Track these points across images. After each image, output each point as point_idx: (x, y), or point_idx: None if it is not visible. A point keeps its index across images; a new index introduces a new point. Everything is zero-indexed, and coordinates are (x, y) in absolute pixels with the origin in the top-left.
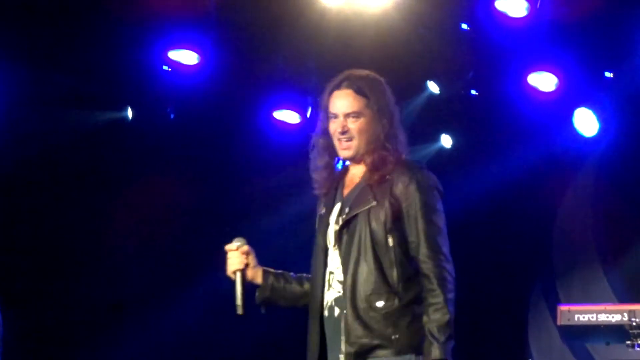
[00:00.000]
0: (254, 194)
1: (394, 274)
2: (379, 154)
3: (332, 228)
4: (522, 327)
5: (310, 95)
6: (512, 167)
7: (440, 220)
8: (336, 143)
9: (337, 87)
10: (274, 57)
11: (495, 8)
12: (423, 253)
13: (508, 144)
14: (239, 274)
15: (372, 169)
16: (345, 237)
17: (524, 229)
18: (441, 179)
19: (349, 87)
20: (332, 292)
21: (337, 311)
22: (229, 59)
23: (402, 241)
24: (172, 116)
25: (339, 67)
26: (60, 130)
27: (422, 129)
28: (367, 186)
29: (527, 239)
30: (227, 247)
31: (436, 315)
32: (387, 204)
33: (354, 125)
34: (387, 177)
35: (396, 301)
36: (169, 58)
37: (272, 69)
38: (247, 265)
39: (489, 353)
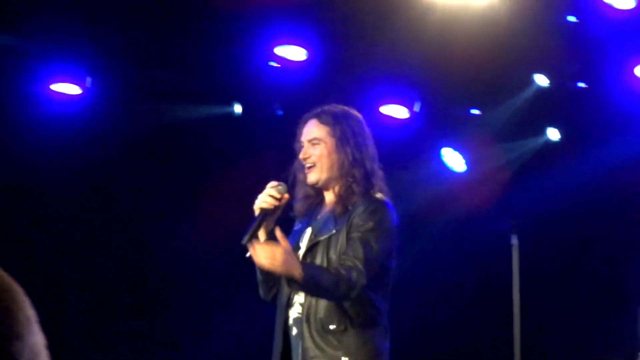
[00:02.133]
0: None
1: None
2: (345, 185)
3: (301, 251)
4: (634, 321)
5: (416, 89)
6: (620, 159)
7: (379, 243)
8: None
9: (306, 119)
10: (381, 52)
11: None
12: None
13: (615, 136)
14: (262, 213)
15: (337, 200)
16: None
17: (633, 222)
18: (548, 172)
19: (314, 117)
20: (294, 311)
21: (295, 331)
22: (336, 54)
23: None
24: (279, 112)
25: (445, 60)
26: (170, 125)
27: (528, 123)
28: (332, 215)
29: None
30: (270, 183)
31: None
32: (344, 232)
33: (315, 151)
34: (349, 207)
35: (348, 324)
36: (276, 54)
37: (380, 63)
38: (273, 211)
39: (600, 347)
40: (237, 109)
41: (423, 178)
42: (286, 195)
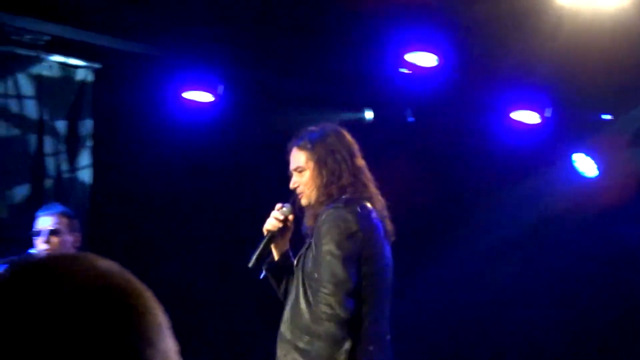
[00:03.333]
0: (486, 198)
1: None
2: (323, 202)
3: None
4: None
5: (548, 94)
6: None
7: (335, 250)
8: None
9: (290, 148)
10: (512, 58)
11: None
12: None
13: None
14: (268, 235)
15: (316, 215)
16: (294, 275)
17: None
18: None
19: (295, 145)
20: (283, 319)
21: (280, 337)
22: (467, 60)
23: None
24: (410, 119)
25: (576, 65)
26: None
27: None
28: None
29: None
30: (277, 206)
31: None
32: (312, 244)
33: (301, 179)
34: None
35: (306, 316)
36: (407, 60)
37: (510, 69)
38: (280, 231)
39: None
40: (368, 115)
41: (554, 183)
42: (291, 217)
